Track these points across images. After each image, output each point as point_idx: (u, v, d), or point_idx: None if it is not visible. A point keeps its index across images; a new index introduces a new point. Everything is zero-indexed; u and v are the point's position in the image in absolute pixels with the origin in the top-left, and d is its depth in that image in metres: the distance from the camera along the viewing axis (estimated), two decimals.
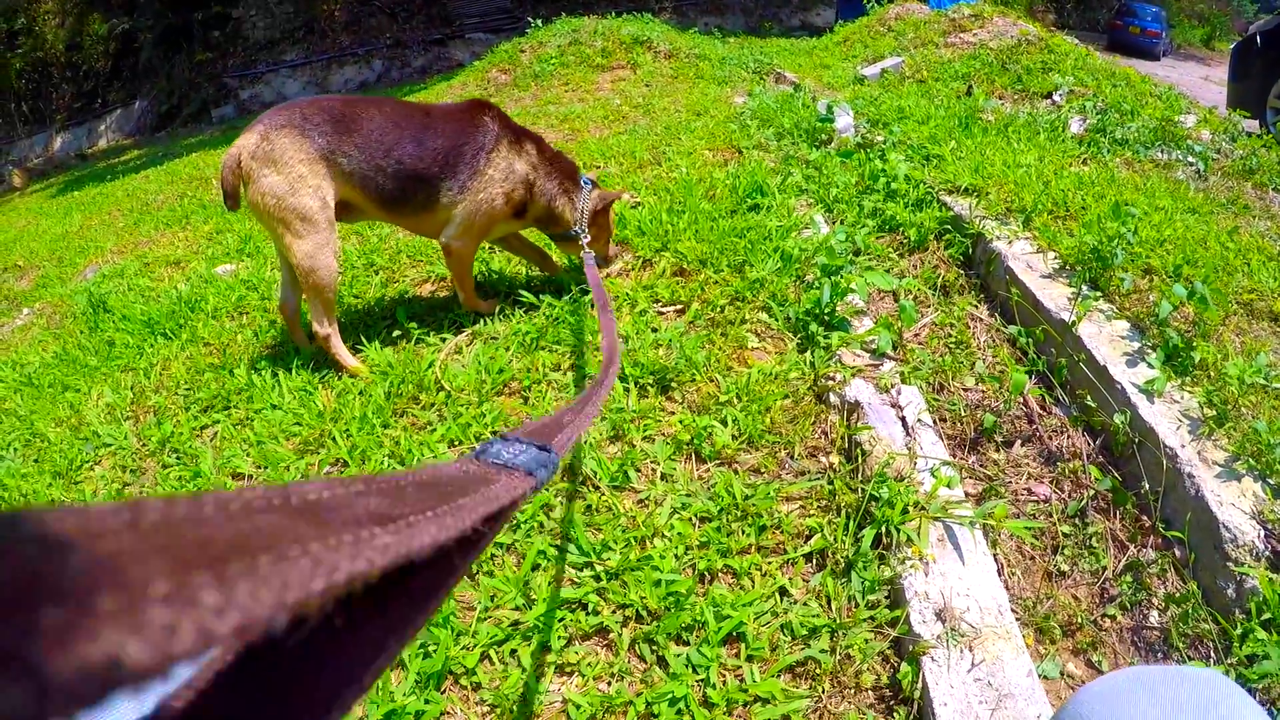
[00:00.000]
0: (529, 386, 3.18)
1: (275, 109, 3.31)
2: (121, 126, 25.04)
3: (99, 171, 16.19)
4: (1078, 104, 7.16)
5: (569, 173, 3.88)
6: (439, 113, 3.56)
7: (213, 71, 23.37)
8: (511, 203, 3.66)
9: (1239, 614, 2.31)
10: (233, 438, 3.27)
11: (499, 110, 3.72)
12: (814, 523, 2.43)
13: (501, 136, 3.62)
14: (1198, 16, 40.40)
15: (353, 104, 3.39)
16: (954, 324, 3.63)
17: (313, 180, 3.22)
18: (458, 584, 0.69)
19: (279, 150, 3.16)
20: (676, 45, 11.70)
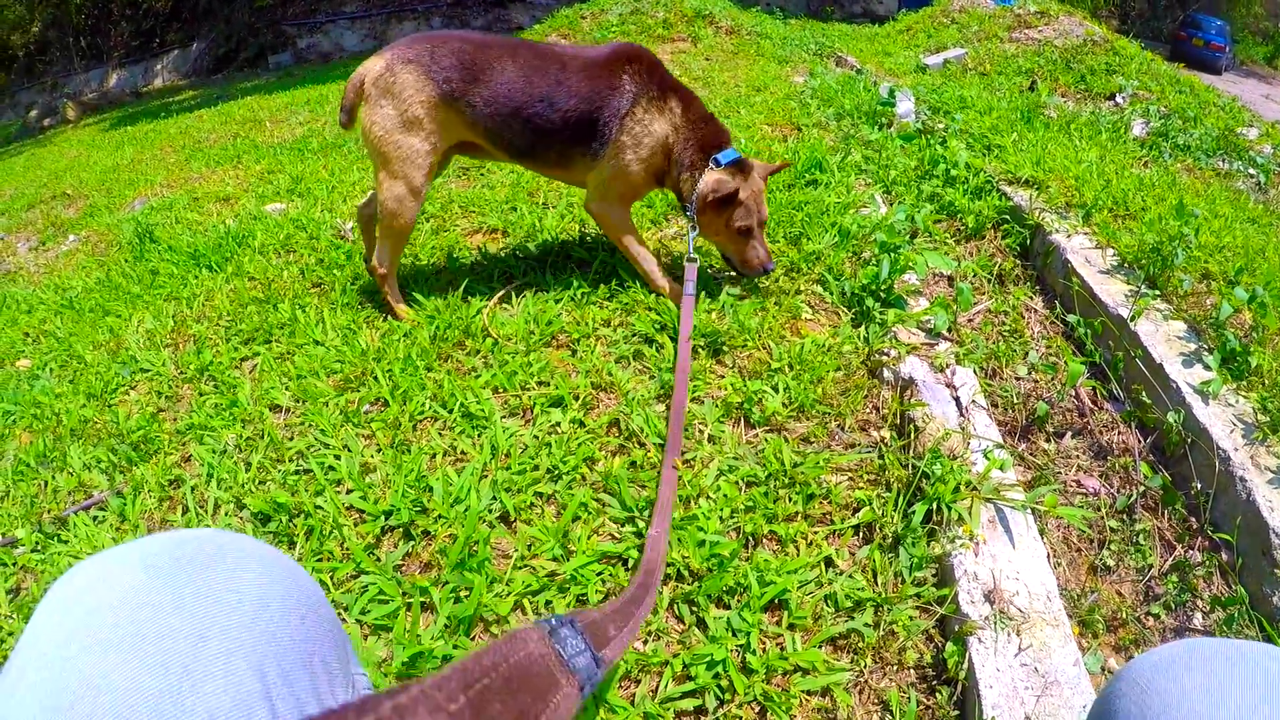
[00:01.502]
0: (578, 340, 3.15)
1: (409, 39, 3.26)
2: (178, 67, 25.15)
3: (153, 109, 16.30)
4: (1141, 107, 7.09)
5: (704, 143, 3.35)
6: (576, 66, 3.29)
7: (272, 18, 23.39)
8: (651, 169, 3.41)
9: None
10: (272, 370, 3.26)
11: (645, 61, 3.36)
12: (863, 495, 2.40)
13: (640, 97, 3.30)
14: (1262, 34, 39.89)
15: (485, 49, 3.26)
16: (1009, 312, 3.58)
17: (427, 125, 3.19)
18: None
19: (400, 85, 3.14)
20: (738, 22, 11.65)
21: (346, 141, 7.95)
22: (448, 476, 2.48)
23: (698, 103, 3.42)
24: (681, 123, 3.36)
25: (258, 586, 0.96)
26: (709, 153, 3.34)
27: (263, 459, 2.69)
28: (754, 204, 3.34)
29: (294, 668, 0.93)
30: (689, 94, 3.43)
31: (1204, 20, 31.30)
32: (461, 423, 2.74)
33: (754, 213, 3.34)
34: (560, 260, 3.85)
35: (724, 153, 3.33)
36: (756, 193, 3.36)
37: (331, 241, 4.53)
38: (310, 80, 14.62)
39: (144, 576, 0.91)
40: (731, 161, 3.32)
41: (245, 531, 2.36)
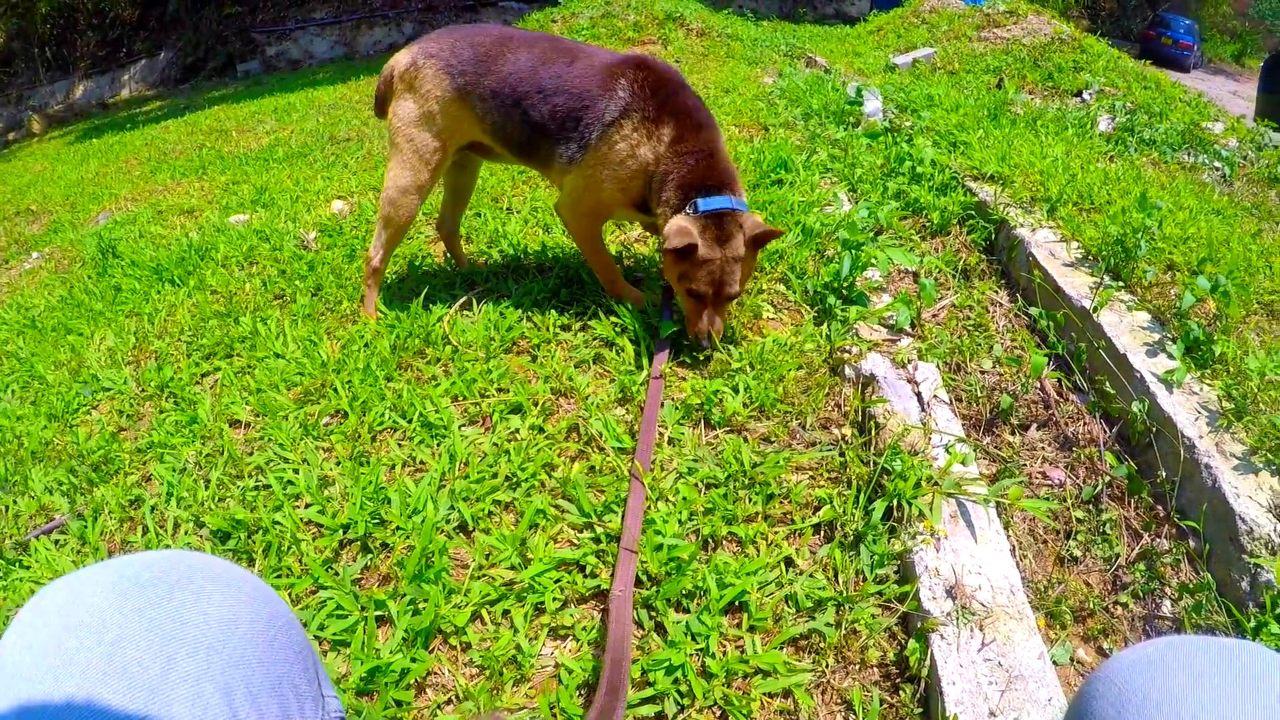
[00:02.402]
0: (538, 346, 3.13)
1: (439, 32, 3.30)
2: (145, 77, 24.99)
3: (119, 120, 16.23)
4: (1107, 103, 7.11)
5: (688, 181, 2.95)
6: (583, 63, 3.12)
7: (240, 26, 23.30)
8: (628, 193, 3.11)
9: (1253, 607, 2.25)
10: (233, 385, 3.24)
11: (652, 75, 3.06)
12: (823, 493, 2.37)
13: (630, 110, 3.01)
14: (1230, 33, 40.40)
15: (504, 42, 3.21)
16: (973, 307, 3.56)
17: (441, 120, 3.21)
18: None
19: (421, 79, 3.19)
20: (709, 24, 11.69)
21: (312, 150, 7.95)
22: (405, 487, 2.46)
23: (702, 135, 3.02)
24: (666, 153, 3.00)
25: (226, 608, 0.96)
26: (691, 193, 2.95)
27: (222, 476, 2.67)
28: (718, 270, 2.88)
29: (262, 691, 0.93)
30: (694, 123, 3.03)
31: (1172, 19, 31.75)
32: (421, 432, 2.72)
33: (714, 281, 2.89)
34: (523, 266, 3.81)
35: (710, 198, 2.91)
36: (728, 259, 2.88)
37: (294, 252, 4.51)
38: (278, 88, 14.57)
39: (112, 598, 0.90)
40: (712, 211, 2.89)
41: (205, 550, 2.34)
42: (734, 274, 2.90)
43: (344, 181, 6.21)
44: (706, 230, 2.86)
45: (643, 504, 2.26)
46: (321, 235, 4.71)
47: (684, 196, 2.95)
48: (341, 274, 4.03)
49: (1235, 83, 29.51)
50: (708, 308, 2.94)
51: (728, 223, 2.87)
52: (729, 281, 2.90)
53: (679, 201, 2.95)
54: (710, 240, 2.86)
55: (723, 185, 2.96)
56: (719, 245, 2.86)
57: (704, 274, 2.87)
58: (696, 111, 3.06)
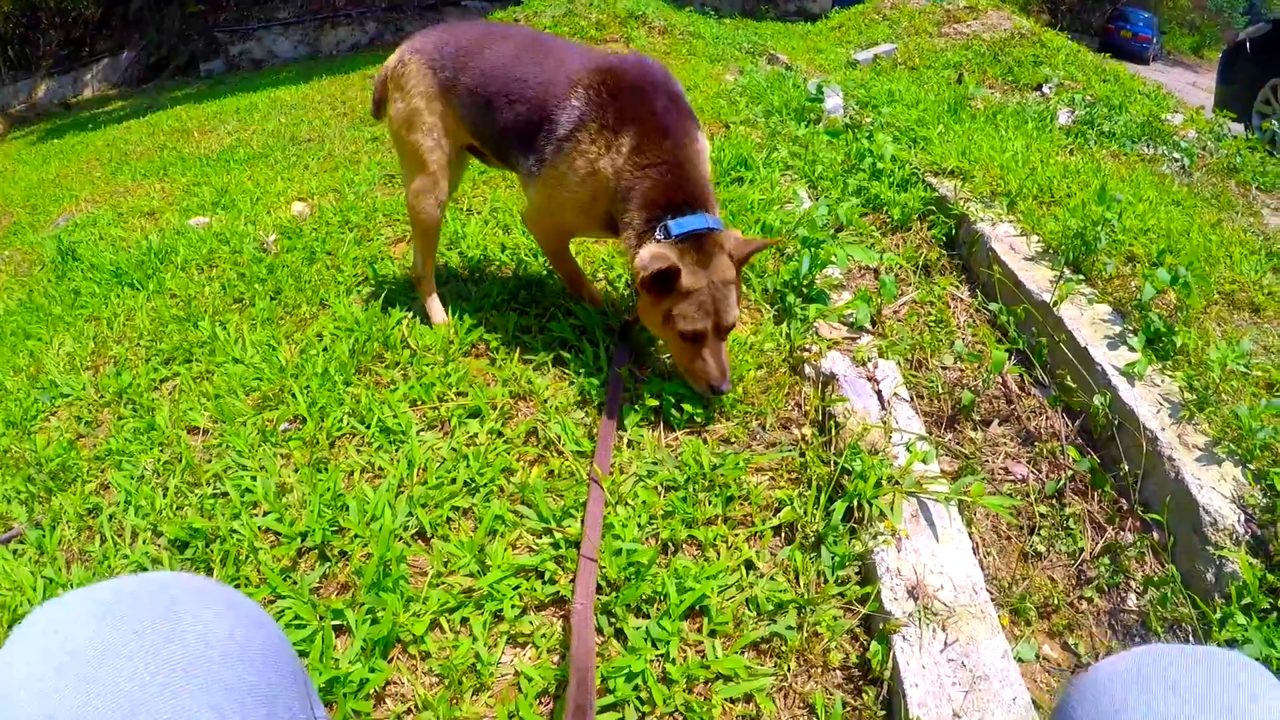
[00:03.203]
0: (497, 348, 3.09)
1: (428, 29, 3.18)
2: (108, 76, 24.69)
3: (81, 120, 16.03)
4: (1066, 96, 7.17)
5: (653, 198, 2.58)
6: (550, 67, 2.81)
7: (203, 25, 23.04)
8: (591, 215, 2.82)
9: (1218, 598, 2.26)
10: (191, 390, 3.19)
11: (620, 78, 2.69)
12: (784, 495, 2.36)
13: (586, 121, 2.66)
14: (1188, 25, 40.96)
15: (485, 37, 3.03)
16: (934, 302, 3.56)
17: (428, 117, 3.06)
18: None
19: (406, 77, 3.07)
20: (671, 22, 11.67)
21: (273, 151, 7.88)
22: (364, 494, 2.43)
23: (668, 143, 2.61)
24: (626, 166, 2.61)
25: (222, 631, 0.93)
26: (658, 213, 2.57)
27: (180, 484, 2.63)
28: (709, 299, 2.50)
29: (256, 714, 0.91)
30: (658, 128, 2.62)
31: (1132, 13, 32.27)
32: (379, 438, 2.70)
33: (707, 312, 2.51)
34: (482, 267, 3.78)
35: (682, 219, 2.52)
36: (719, 284, 2.52)
37: (254, 255, 4.46)
38: (241, 88, 14.44)
39: (108, 620, 0.88)
40: (688, 233, 2.50)
41: (163, 559, 2.32)
42: (728, 299, 2.54)
43: (304, 183, 6.15)
44: (686, 255, 2.49)
45: (602, 510, 2.25)
46: (281, 238, 4.65)
47: (650, 218, 2.58)
48: (301, 277, 3.98)
49: (1194, 74, 29.95)
50: (706, 346, 2.55)
51: (708, 244, 2.52)
52: (724, 310, 2.53)
53: (644, 224, 2.58)
54: (693, 266, 2.49)
55: (694, 201, 2.58)
56: (704, 270, 2.50)
57: (693, 307, 2.49)
58: (663, 115, 2.63)
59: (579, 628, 1.84)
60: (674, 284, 2.47)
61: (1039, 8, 28.44)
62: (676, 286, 2.47)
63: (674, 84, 2.79)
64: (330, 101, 10.54)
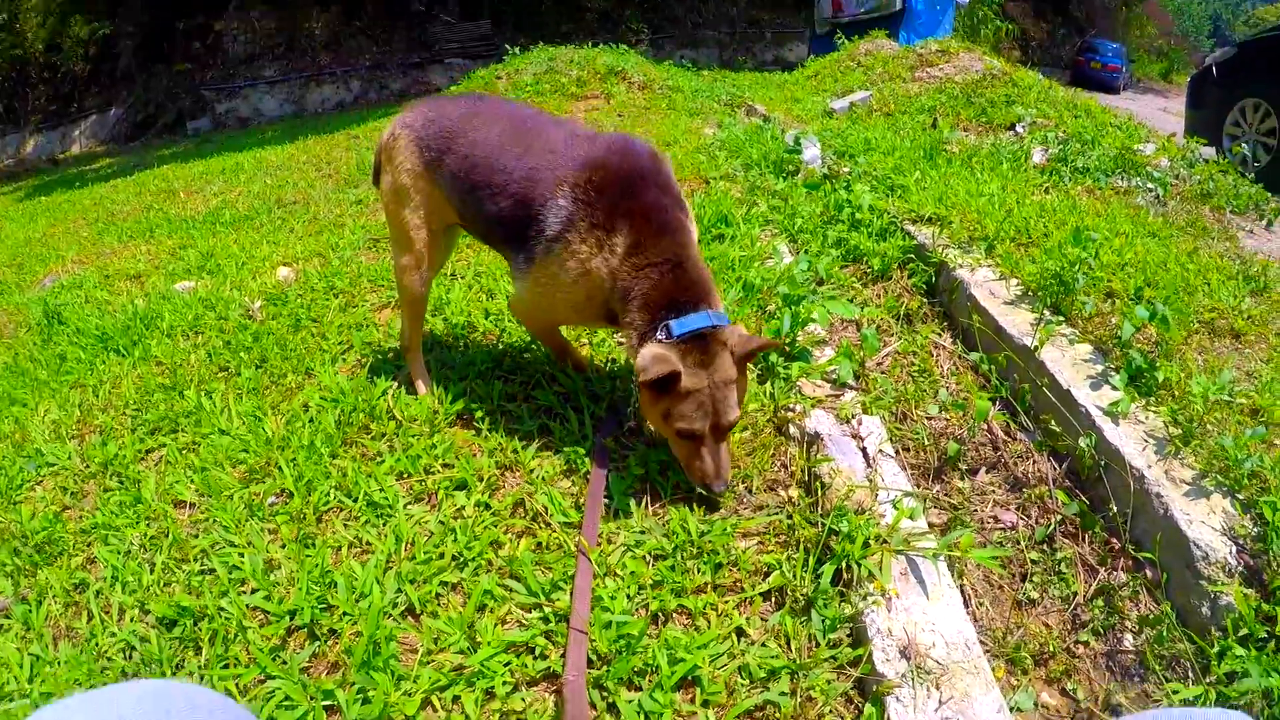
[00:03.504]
0: (482, 418, 3.09)
1: (421, 102, 3.18)
2: (96, 133, 24.85)
3: (69, 177, 16.08)
4: (1040, 135, 7.21)
5: (653, 299, 2.53)
6: (535, 157, 2.74)
7: (191, 83, 23.24)
8: (586, 313, 2.79)
9: (1215, 632, 2.26)
10: (177, 462, 3.18)
11: (610, 170, 2.62)
12: (772, 559, 2.35)
13: (575, 220, 2.60)
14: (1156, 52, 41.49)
15: (471, 117, 2.96)
16: (917, 352, 3.58)
17: (415, 195, 3.04)
18: None
19: (396, 152, 3.05)
20: (650, 77, 11.76)
21: (259, 213, 7.90)
22: (352, 570, 2.42)
23: (665, 241, 2.56)
24: (622, 267, 2.57)
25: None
26: (659, 314, 2.52)
27: (167, 559, 2.62)
28: (708, 400, 2.45)
29: None
30: (655, 226, 2.57)
31: (1100, 44, 32.80)
32: (366, 512, 2.69)
33: (707, 412, 2.45)
34: (466, 334, 3.79)
35: (684, 318, 2.48)
36: (720, 384, 2.47)
37: (240, 322, 4.46)
38: (227, 147, 14.52)
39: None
40: (690, 334, 2.45)
41: (150, 638, 2.30)
42: (729, 399, 2.49)
43: (290, 247, 6.16)
44: (688, 355, 2.44)
45: (590, 582, 2.24)
46: (267, 304, 4.66)
47: (651, 318, 2.53)
48: (286, 345, 3.99)
49: (1164, 99, 30.33)
50: (704, 445, 2.50)
51: (710, 343, 2.47)
52: (725, 410, 2.48)
53: (646, 324, 2.53)
54: (694, 366, 2.44)
55: (697, 300, 2.53)
56: (705, 371, 2.45)
57: (693, 407, 2.45)
58: (658, 211, 2.60)
59: (572, 702, 1.83)
60: (674, 385, 2.42)
61: (1009, 45, 28.80)
62: (676, 388, 2.42)
63: (663, 169, 2.75)
64: (315, 162, 10.58)
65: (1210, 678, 2.16)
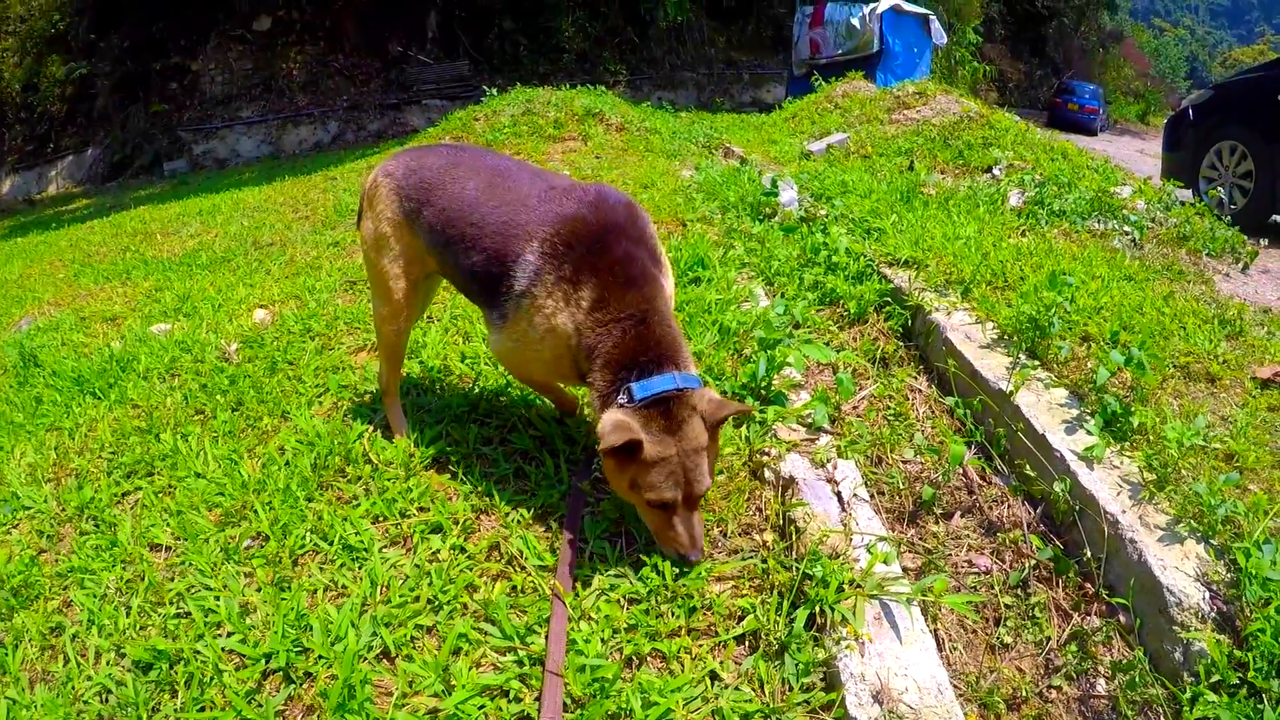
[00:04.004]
0: (458, 461, 3.09)
1: (405, 150, 3.15)
2: (72, 174, 24.79)
3: (45, 219, 16.06)
4: (1016, 177, 7.26)
5: (615, 358, 2.41)
6: (512, 207, 2.68)
7: (167, 124, 23.24)
8: (558, 373, 2.72)
9: (1188, 677, 2.25)
10: (153, 506, 3.16)
11: (582, 224, 2.55)
12: (746, 603, 2.35)
13: (542, 274, 2.52)
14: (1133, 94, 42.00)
15: (451, 168, 2.90)
16: (893, 396, 3.59)
17: (395, 244, 2.99)
18: None
19: (376, 199, 3.03)
20: (628, 118, 11.82)
21: (235, 255, 7.90)
22: (328, 614, 2.41)
23: (630, 295, 2.45)
24: (586, 322, 2.45)
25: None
26: (621, 374, 2.40)
27: (143, 603, 2.61)
28: (678, 468, 2.31)
29: None
30: (622, 279, 2.47)
31: (1077, 86, 33.17)
32: (342, 555, 2.68)
33: (677, 482, 2.32)
34: (442, 377, 3.79)
35: (647, 380, 2.35)
36: (689, 452, 2.33)
37: (216, 365, 4.44)
38: (204, 189, 14.53)
39: None
40: (651, 397, 2.33)
41: (127, 682, 2.28)
42: (700, 467, 2.35)
43: (266, 289, 6.15)
44: (651, 422, 2.31)
45: (565, 626, 2.24)
46: (243, 347, 4.64)
47: (614, 379, 2.40)
48: (262, 388, 3.97)
49: (1142, 141, 30.64)
50: (676, 515, 2.38)
51: (676, 407, 2.34)
52: (696, 479, 2.34)
53: (607, 386, 2.41)
54: (658, 433, 2.31)
55: (661, 359, 2.40)
56: (672, 438, 2.32)
57: (661, 477, 2.30)
58: (626, 264, 2.49)
59: None
60: (638, 454, 2.28)
61: (987, 87, 29.12)
62: (640, 456, 2.29)
63: (639, 222, 2.67)
64: (292, 204, 10.59)
65: None
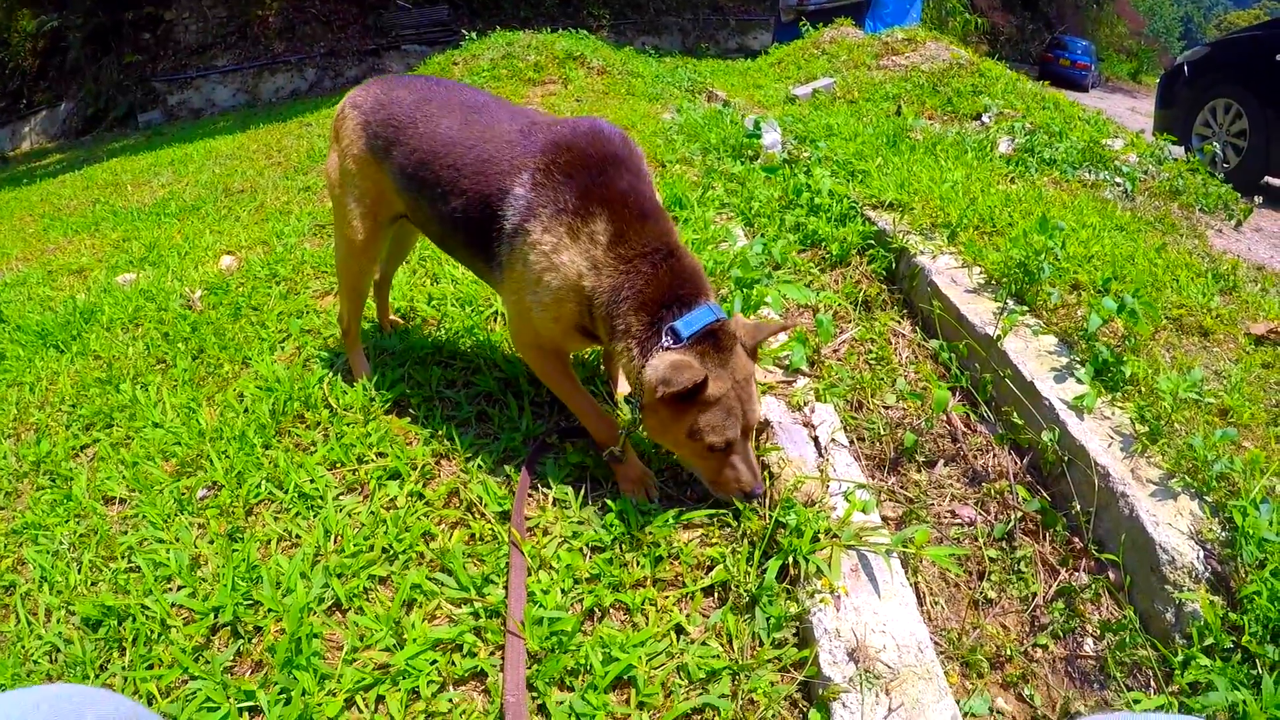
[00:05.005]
0: (419, 405, 2.98)
1: (374, 83, 2.87)
2: (46, 129, 24.44)
3: (17, 175, 15.80)
4: (1006, 125, 7.16)
5: (648, 296, 2.19)
6: (493, 140, 2.43)
7: (141, 75, 22.83)
8: (564, 321, 2.37)
9: (1179, 639, 2.17)
10: (110, 458, 3.07)
11: (576, 152, 2.30)
12: (715, 553, 2.25)
13: (538, 207, 2.27)
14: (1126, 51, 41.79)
15: (423, 104, 2.63)
16: (874, 339, 3.49)
17: (360, 181, 2.77)
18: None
19: (342, 132, 2.81)
20: (610, 62, 11.66)
21: (205, 203, 7.77)
22: (279, 565, 2.32)
23: (649, 226, 2.25)
24: (606, 259, 2.22)
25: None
26: (658, 313, 2.18)
27: (94, 558, 2.52)
28: (736, 403, 2.17)
29: None
30: (637, 211, 2.25)
31: (1070, 41, 32.89)
32: (297, 504, 2.59)
33: (736, 417, 2.17)
34: (408, 318, 3.68)
35: (689, 316, 2.16)
36: (743, 381, 2.19)
37: (179, 313, 4.32)
38: (177, 139, 14.31)
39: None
40: (701, 332, 2.15)
41: (75, 640, 2.22)
42: (753, 397, 2.22)
43: (234, 235, 6.03)
44: (706, 358, 2.14)
45: (524, 578, 2.13)
46: (208, 294, 4.52)
47: (650, 320, 2.19)
48: (224, 335, 3.87)
49: (1134, 99, 30.46)
50: (735, 453, 2.22)
51: (722, 338, 2.18)
52: (750, 410, 2.20)
53: (645, 328, 2.19)
54: (716, 369, 2.15)
55: (698, 293, 2.23)
56: (724, 370, 2.16)
57: (723, 416, 2.15)
58: (636, 196, 2.28)
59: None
60: (699, 394, 2.11)
61: (978, 39, 28.87)
62: (702, 396, 2.12)
63: (637, 156, 2.42)
64: (265, 150, 10.43)
65: (1173, 687, 2.09)
